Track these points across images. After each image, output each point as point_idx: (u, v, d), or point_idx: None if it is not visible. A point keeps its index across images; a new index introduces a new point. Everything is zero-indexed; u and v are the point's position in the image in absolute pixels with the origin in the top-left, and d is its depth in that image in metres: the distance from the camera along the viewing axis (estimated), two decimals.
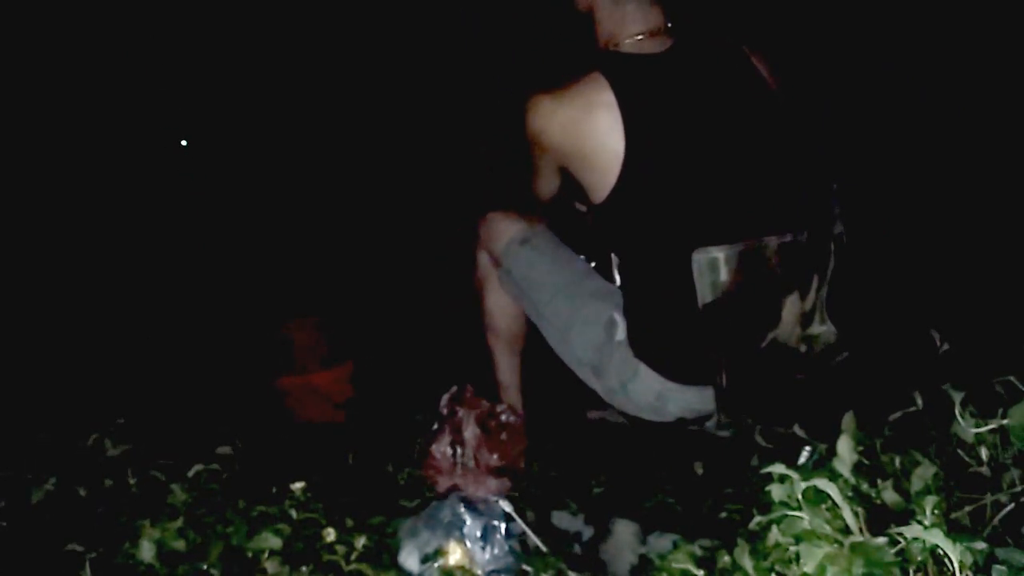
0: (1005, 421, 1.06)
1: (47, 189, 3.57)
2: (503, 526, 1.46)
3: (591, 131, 1.37)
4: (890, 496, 1.02)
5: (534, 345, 1.79)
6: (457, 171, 3.57)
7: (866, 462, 1.11)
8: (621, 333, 1.58)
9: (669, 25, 1.47)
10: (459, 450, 1.68)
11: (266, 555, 1.29)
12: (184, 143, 4.41)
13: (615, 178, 1.37)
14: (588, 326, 1.64)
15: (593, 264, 1.82)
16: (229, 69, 4.20)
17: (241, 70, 4.19)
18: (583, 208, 1.94)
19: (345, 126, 4.16)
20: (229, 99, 4.30)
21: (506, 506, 1.50)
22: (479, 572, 1.40)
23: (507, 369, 1.88)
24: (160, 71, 4.07)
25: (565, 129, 1.39)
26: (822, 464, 1.09)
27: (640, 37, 1.46)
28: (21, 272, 3.01)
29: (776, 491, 1.00)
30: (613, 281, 1.68)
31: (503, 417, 1.75)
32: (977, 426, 1.09)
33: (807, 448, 1.25)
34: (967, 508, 1.03)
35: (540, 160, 1.48)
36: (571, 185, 1.54)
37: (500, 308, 1.84)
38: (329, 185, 3.95)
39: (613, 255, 1.62)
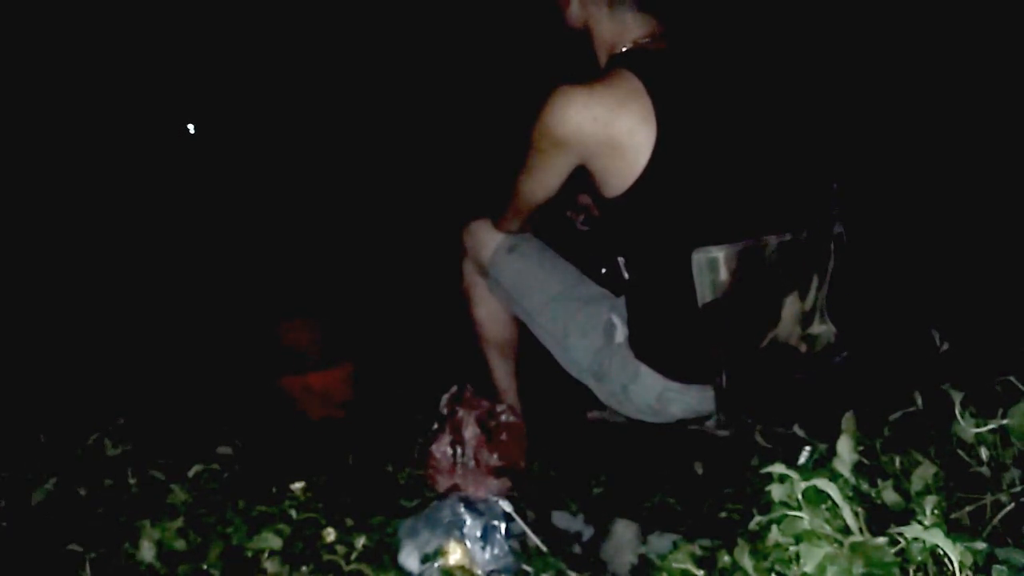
0: (1005, 421, 1.06)
1: (45, 185, 3.57)
2: (503, 526, 1.46)
3: (626, 119, 1.35)
4: (890, 496, 1.02)
5: (532, 346, 1.79)
6: (457, 171, 3.58)
7: (866, 462, 1.11)
8: (620, 335, 1.58)
9: (664, 32, 1.48)
10: (459, 450, 1.68)
11: (266, 555, 1.30)
12: (191, 128, 4.38)
13: (642, 168, 1.36)
14: (586, 331, 1.64)
15: (592, 262, 1.83)
16: (234, 66, 4.20)
17: (245, 68, 4.20)
18: (579, 215, 1.95)
19: (346, 126, 4.16)
20: (231, 96, 4.30)
21: (506, 506, 1.50)
22: (479, 572, 1.40)
23: (503, 374, 1.88)
24: (164, 61, 4.07)
25: (598, 119, 1.36)
26: (822, 464, 1.09)
27: (645, 40, 1.46)
28: (20, 271, 3.01)
29: (776, 491, 1.00)
30: (616, 284, 1.68)
31: (503, 417, 1.75)
32: (977, 426, 1.09)
33: (807, 448, 1.25)
34: (967, 508, 1.03)
35: (554, 158, 1.45)
36: (573, 186, 1.54)
37: (490, 317, 1.84)
38: (329, 185, 3.95)
39: (620, 258, 1.62)
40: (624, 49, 1.47)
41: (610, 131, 1.36)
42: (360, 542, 1.37)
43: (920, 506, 0.96)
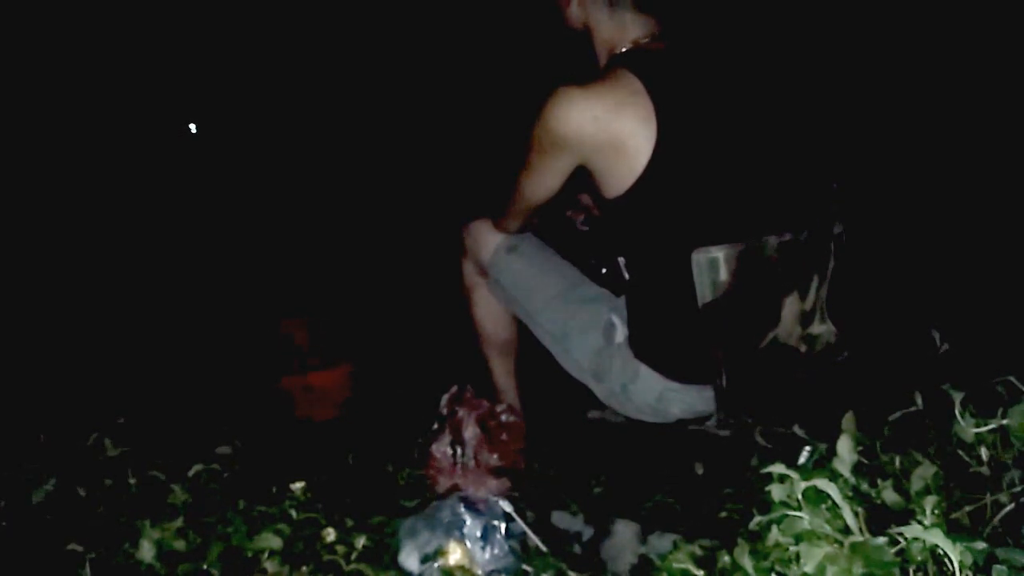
0: (1005, 421, 1.06)
1: (45, 185, 3.57)
2: (503, 526, 1.46)
3: (626, 119, 1.36)
4: (890, 496, 1.02)
5: (532, 346, 1.79)
6: (457, 171, 3.58)
7: (866, 462, 1.11)
8: (620, 336, 1.58)
9: (663, 32, 1.48)
10: (459, 450, 1.68)
11: (266, 555, 1.29)
12: (193, 128, 4.37)
13: (642, 168, 1.36)
14: (585, 331, 1.64)
15: (593, 262, 1.83)
16: (236, 66, 4.19)
17: (247, 69, 4.20)
18: (579, 215, 1.95)
19: (346, 126, 4.16)
20: (233, 96, 4.30)
21: (506, 506, 1.50)
22: (479, 572, 1.40)
23: (503, 374, 1.88)
24: (166, 61, 4.06)
25: (599, 119, 1.36)
26: (822, 464, 1.09)
27: (645, 40, 1.46)
28: (20, 270, 3.01)
29: (776, 491, 1.00)
30: (616, 284, 1.68)
31: (503, 417, 1.75)
32: (977, 426, 1.09)
33: (807, 448, 1.25)
34: (967, 508, 1.03)
35: (554, 158, 1.45)
36: (574, 186, 1.54)
37: (490, 317, 1.84)
38: (330, 184, 3.95)
39: (620, 258, 1.61)
40: (624, 49, 1.47)
41: (610, 131, 1.36)
42: (360, 542, 1.37)
43: (920, 506, 0.96)
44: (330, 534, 1.38)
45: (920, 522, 0.92)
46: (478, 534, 1.44)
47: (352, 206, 3.74)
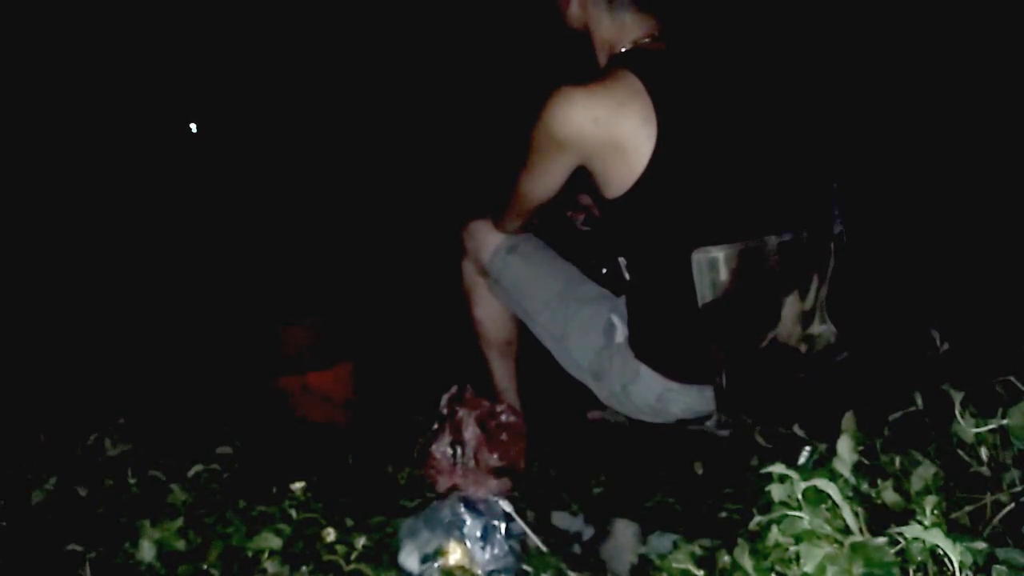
0: (1005, 421, 1.06)
1: (45, 184, 3.57)
2: (503, 526, 1.46)
3: (627, 119, 1.35)
4: (890, 496, 1.02)
5: (532, 346, 1.79)
6: (457, 171, 3.58)
7: (866, 462, 1.11)
8: (620, 336, 1.58)
9: (663, 32, 1.48)
10: (459, 450, 1.68)
11: (266, 555, 1.29)
12: (193, 128, 4.36)
13: (642, 168, 1.36)
14: (585, 331, 1.64)
15: (593, 262, 1.83)
16: (236, 66, 4.20)
17: (248, 68, 4.20)
18: (579, 216, 1.95)
19: (347, 126, 4.16)
20: (234, 96, 4.30)
21: (506, 506, 1.50)
22: (479, 572, 1.40)
23: (503, 374, 1.88)
24: (167, 60, 4.06)
25: (599, 120, 1.36)
26: (822, 464, 1.09)
27: (645, 40, 1.46)
28: (20, 270, 3.01)
29: (776, 491, 1.00)
30: (616, 284, 1.68)
31: (503, 417, 1.75)
32: (977, 426, 1.09)
33: (807, 448, 1.25)
34: (967, 508, 1.03)
35: (554, 159, 1.45)
36: (574, 186, 1.54)
37: (490, 317, 1.84)
38: (330, 185, 3.95)
39: (620, 259, 1.62)
40: (624, 49, 1.47)
41: (611, 132, 1.36)
42: (360, 542, 1.36)
43: (920, 506, 0.96)
44: (330, 534, 1.38)
45: (920, 522, 0.92)
46: (478, 534, 1.44)
47: (352, 206, 3.74)
